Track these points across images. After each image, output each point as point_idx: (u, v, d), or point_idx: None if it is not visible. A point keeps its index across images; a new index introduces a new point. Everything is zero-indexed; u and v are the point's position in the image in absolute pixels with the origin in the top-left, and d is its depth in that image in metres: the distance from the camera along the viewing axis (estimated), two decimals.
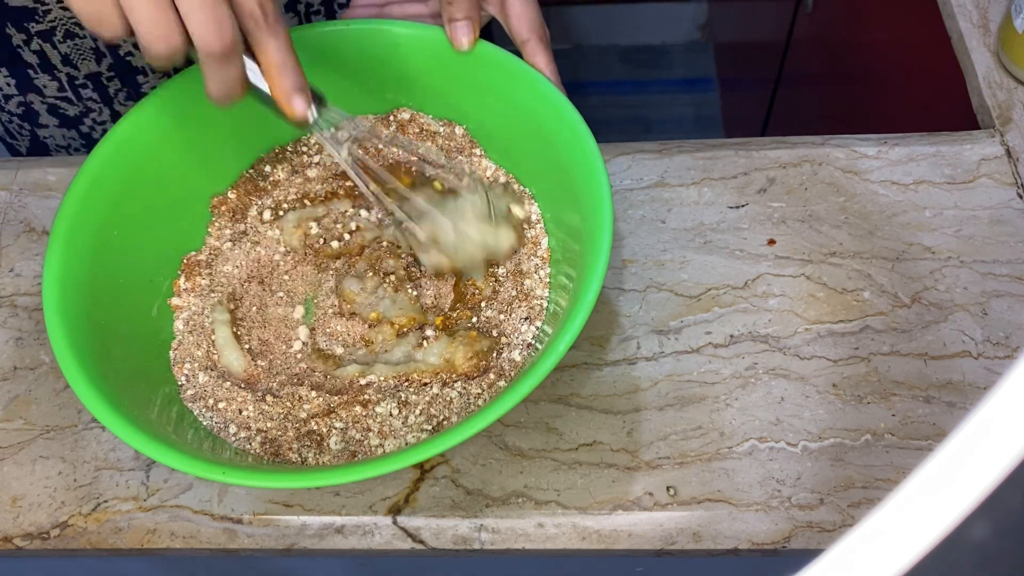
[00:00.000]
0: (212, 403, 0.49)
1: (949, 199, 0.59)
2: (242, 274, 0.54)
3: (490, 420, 0.41)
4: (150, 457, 0.42)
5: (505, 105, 0.53)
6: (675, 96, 1.88)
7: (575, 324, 0.42)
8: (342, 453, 0.47)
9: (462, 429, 0.41)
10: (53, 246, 0.47)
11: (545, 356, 0.42)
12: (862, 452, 0.50)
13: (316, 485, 0.42)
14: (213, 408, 0.49)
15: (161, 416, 0.47)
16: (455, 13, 0.51)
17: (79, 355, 0.44)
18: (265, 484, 0.43)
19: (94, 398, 0.43)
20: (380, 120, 0.57)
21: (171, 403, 0.49)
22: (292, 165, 0.57)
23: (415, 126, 0.57)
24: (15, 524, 0.51)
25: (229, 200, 0.56)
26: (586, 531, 0.49)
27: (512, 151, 0.55)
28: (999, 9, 0.67)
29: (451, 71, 0.54)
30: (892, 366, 0.53)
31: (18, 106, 0.69)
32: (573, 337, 0.42)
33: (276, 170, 0.57)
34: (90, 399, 0.43)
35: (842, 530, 0.49)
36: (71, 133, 0.72)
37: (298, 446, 0.47)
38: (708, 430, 0.51)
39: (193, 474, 0.41)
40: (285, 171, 0.57)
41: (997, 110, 0.62)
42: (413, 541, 0.49)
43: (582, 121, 0.49)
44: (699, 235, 0.58)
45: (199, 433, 0.48)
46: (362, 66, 0.55)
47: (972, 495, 0.16)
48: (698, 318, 0.55)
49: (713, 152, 0.62)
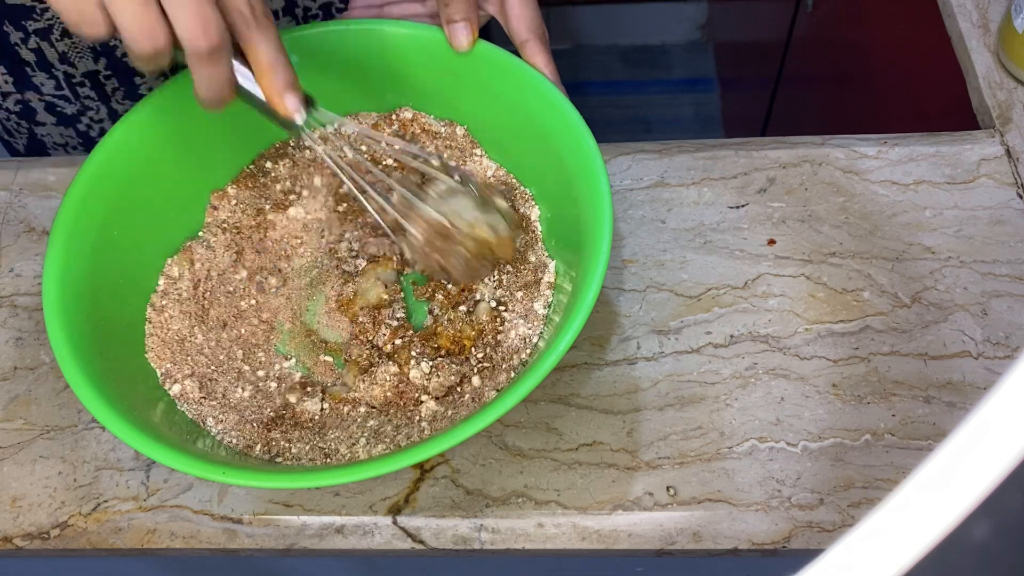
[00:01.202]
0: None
1: (949, 199, 0.59)
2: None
3: (490, 420, 0.41)
4: (149, 457, 0.42)
5: (505, 105, 0.53)
6: (675, 96, 1.87)
7: (575, 324, 0.42)
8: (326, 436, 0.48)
9: (461, 429, 0.41)
10: (53, 246, 0.47)
11: (544, 357, 0.42)
12: (862, 452, 0.50)
13: (316, 485, 0.42)
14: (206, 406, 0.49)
15: (164, 417, 0.47)
16: (453, 15, 0.51)
17: (79, 355, 0.44)
18: (265, 484, 0.43)
19: (92, 397, 0.43)
20: (382, 119, 0.57)
21: (173, 404, 0.49)
22: (294, 160, 0.57)
23: (416, 126, 0.57)
24: (15, 524, 0.51)
25: (228, 195, 0.56)
26: (586, 531, 0.49)
27: (512, 151, 0.55)
28: (999, 9, 0.67)
29: (450, 71, 0.54)
30: (892, 366, 0.53)
31: (16, 104, 0.69)
32: (573, 337, 0.42)
33: (277, 166, 0.57)
34: (88, 398, 0.43)
35: (842, 530, 0.49)
36: (68, 131, 0.72)
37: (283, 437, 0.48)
38: (708, 430, 0.51)
39: (193, 474, 0.41)
40: (286, 166, 0.57)
41: (997, 110, 0.62)
42: (413, 541, 0.49)
43: (582, 121, 0.49)
44: (699, 235, 0.58)
45: (203, 435, 0.48)
46: (362, 66, 0.55)
47: (972, 495, 0.16)
48: (698, 318, 0.55)
49: (713, 152, 0.62)
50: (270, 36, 0.40)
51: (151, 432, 0.43)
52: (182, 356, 0.50)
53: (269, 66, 0.41)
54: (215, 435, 0.48)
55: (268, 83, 0.42)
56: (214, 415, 0.49)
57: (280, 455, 0.48)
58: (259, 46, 0.40)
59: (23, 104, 0.69)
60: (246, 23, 0.39)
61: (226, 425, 0.48)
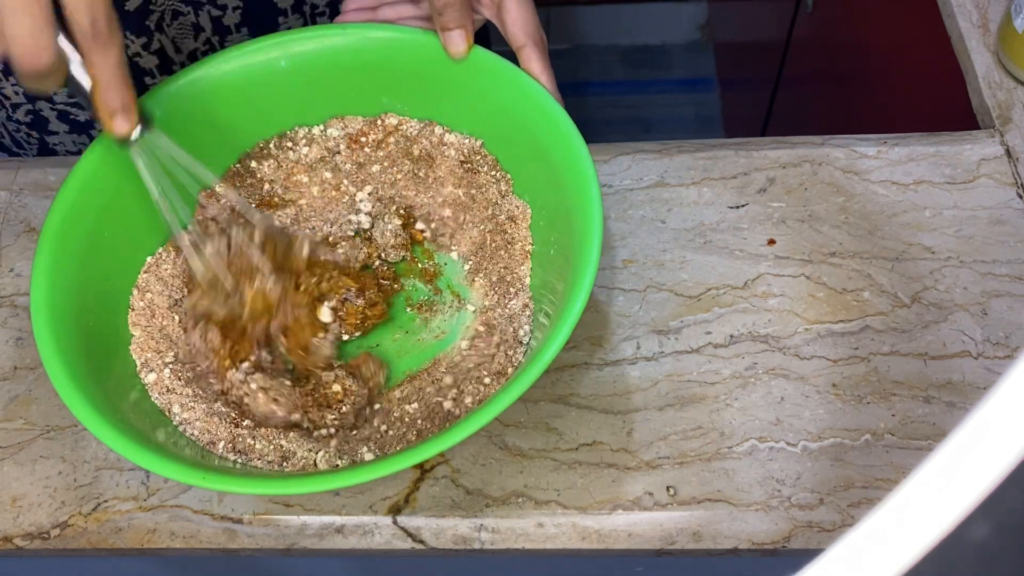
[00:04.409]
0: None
1: (949, 199, 0.59)
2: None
3: (485, 421, 0.41)
4: (132, 461, 0.42)
5: (498, 112, 0.53)
6: (675, 96, 1.87)
7: (566, 326, 0.42)
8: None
9: (459, 430, 0.41)
10: (42, 250, 0.47)
11: (537, 358, 0.42)
12: (862, 452, 0.50)
13: (312, 491, 0.42)
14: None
15: (135, 406, 0.47)
16: (448, 23, 0.51)
17: (66, 359, 0.44)
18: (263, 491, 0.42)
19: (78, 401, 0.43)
20: (367, 124, 0.57)
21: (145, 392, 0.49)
22: (278, 161, 0.57)
23: (399, 135, 0.56)
24: (15, 524, 0.51)
25: (216, 194, 0.55)
26: (586, 531, 0.49)
27: (505, 158, 0.55)
28: (999, 9, 0.67)
29: (445, 77, 0.53)
30: (892, 366, 0.53)
31: (26, 114, 0.69)
32: (564, 338, 0.42)
33: (262, 166, 0.57)
34: (74, 403, 0.43)
35: (842, 530, 0.49)
36: (81, 138, 0.72)
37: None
38: (708, 430, 0.51)
39: (182, 481, 0.41)
40: (271, 167, 0.57)
41: (997, 110, 0.62)
42: (413, 541, 0.49)
43: (574, 129, 0.49)
44: (699, 235, 0.58)
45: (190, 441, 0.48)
46: (355, 70, 0.55)
47: (972, 495, 0.16)
48: (698, 318, 0.55)
49: (713, 152, 0.62)
50: (108, 54, 0.41)
51: (132, 434, 0.43)
52: (164, 344, 0.50)
53: (103, 85, 0.42)
54: (177, 424, 0.48)
55: (100, 102, 0.42)
56: (182, 402, 0.48)
57: (246, 452, 0.47)
58: (95, 64, 0.41)
59: (34, 114, 0.69)
60: (86, 39, 0.40)
61: (193, 415, 0.48)
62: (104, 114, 0.43)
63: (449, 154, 0.56)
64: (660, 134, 1.79)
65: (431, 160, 0.56)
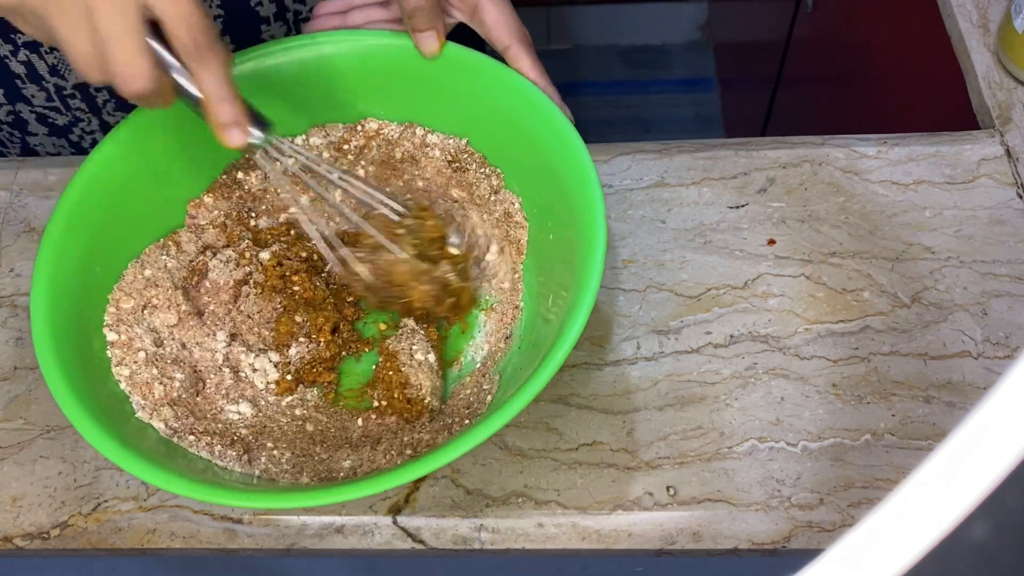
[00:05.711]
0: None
1: (949, 199, 0.59)
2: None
3: (491, 432, 0.41)
4: (121, 468, 0.42)
5: (480, 108, 0.52)
6: (675, 96, 1.87)
7: (573, 330, 0.42)
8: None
9: (462, 441, 0.41)
10: (42, 258, 0.47)
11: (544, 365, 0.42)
12: (862, 452, 0.50)
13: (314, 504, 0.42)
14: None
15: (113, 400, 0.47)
16: (419, 25, 0.51)
17: (63, 364, 0.44)
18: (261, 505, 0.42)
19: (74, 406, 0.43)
20: (348, 130, 0.56)
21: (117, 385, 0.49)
22: (264, 172, 0.56)
23: (381, 139, 0.56)
24: (15, 524, 0.51)
25: (205, 203, 0.55)
26: (586, 531, 0.49)
27: (499, 158, 0.54)
28: (999, 9, 0.67)
29: (421, 78, 0.53)
30: (892, 366, 0.53)
31: (8, 114, 0.69)
32: (571, 344, 0.42)
33: (249, 176, 0.56)
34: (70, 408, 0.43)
35: (842, 530, 0.49)
36: (61, 141, 0.72)
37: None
38: (708, 430, 0.51)
39: (166, 489, 0.42)
40: (258, 177, 0.56)
41: (997, 110, 0.62)
42: (413, 541, 0.49)
43: (570, 126, 0.48)
44: (699, 235, 0.58)
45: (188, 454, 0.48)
46: (329, 79, 0.54)
47: (972, 495, 0.16)
48: (698, 318, 0.55)
49: (713, 152, 0.62)
50: (214, 68, 0.41)
51: (120, 438, 0.43)
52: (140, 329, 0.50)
53: (213, 100, 0.42)
54: (137, 411, 0.47)
55: (212, 117, 0.43)
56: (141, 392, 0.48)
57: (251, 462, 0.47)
58: (203, 81, 0.41)
59: (15, 115, 0.69)
60: (189, 57, 0.40)
61: (154, 401, 0.48)
62: (216, 128, 0.43)
63: (434, 155, 0.55)
64: (660, 134, 1.79)
65: (415, 162, 0.56)
